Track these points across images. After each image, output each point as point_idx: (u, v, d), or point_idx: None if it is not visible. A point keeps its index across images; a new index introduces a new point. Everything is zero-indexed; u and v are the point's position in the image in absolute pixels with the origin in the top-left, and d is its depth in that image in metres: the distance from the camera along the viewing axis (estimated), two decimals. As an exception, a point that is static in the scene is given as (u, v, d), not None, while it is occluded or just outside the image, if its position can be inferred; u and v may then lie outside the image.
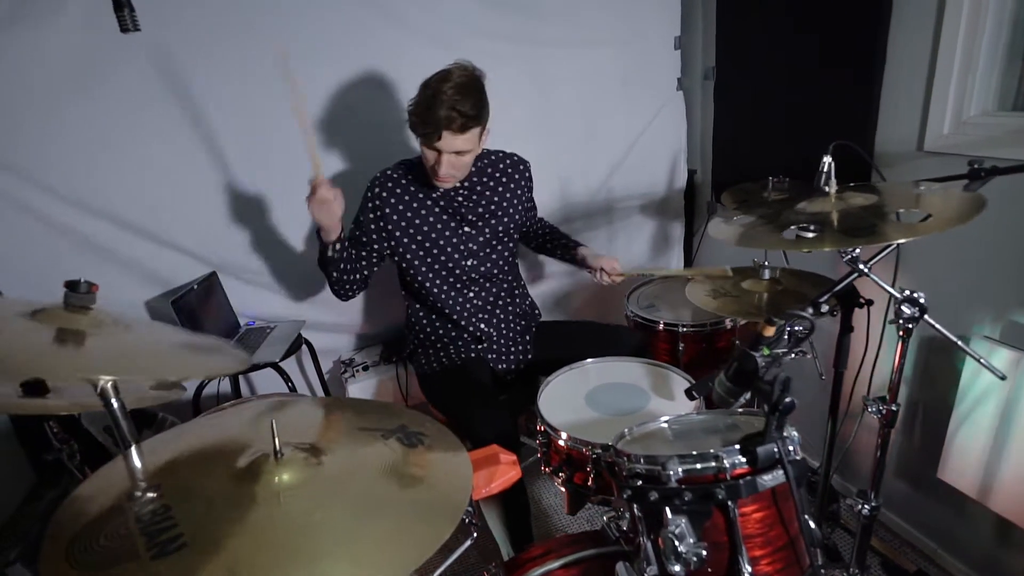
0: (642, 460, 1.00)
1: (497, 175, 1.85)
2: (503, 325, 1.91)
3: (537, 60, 2.27)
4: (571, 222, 2.51)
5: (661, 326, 2.05)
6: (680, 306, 2.18)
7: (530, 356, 1.95)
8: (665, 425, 1.22)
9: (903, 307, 1.16)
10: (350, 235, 1.82)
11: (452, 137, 1.57)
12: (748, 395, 0.98)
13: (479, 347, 1.89)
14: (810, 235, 1.09)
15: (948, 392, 1.66)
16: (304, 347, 2.24)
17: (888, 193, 1.25)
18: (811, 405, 1.97)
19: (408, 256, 1.79)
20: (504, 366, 1.91)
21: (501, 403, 1.71)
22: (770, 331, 0.88)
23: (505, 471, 1.16)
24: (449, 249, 1.79)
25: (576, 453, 1.41)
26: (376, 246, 1.79)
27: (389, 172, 1.78)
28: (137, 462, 0.95)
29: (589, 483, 1.40)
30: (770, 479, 0.91)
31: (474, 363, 1.87)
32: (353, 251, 1.79)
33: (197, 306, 1.96)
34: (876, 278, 1.18)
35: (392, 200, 1.75)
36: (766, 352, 1.00)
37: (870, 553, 1.86)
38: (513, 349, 1.92)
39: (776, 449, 0.89)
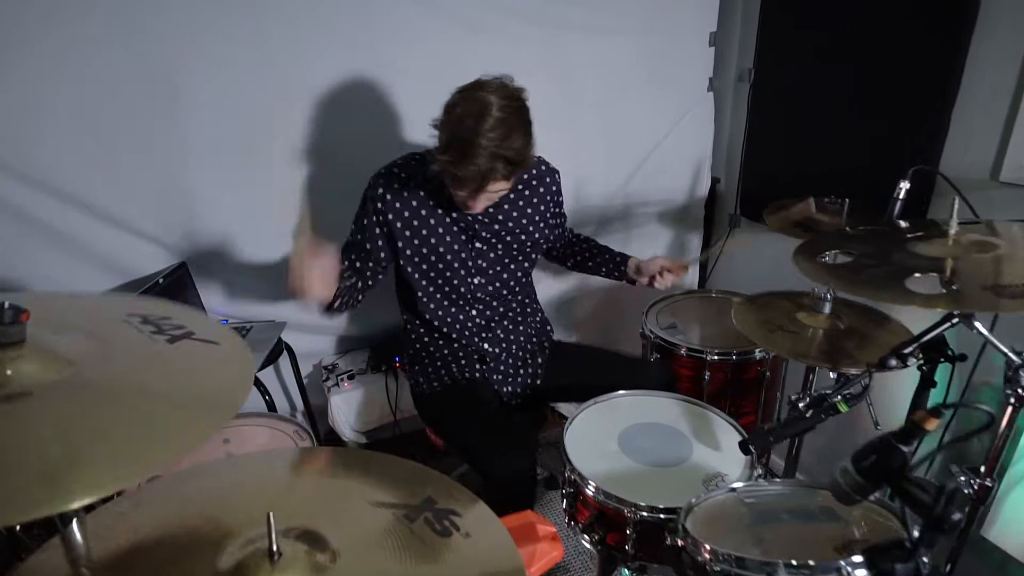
0: (733, 561, 0.80)
1: (521, 187, 1.58)
2: (510, 345, 1.69)
3: (557, 45, 2.03)
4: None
5: (684, 351, 1.86)
6: (704, 324, 2.00)
7: (539, 381, 1.73)
8: (736, 495, 1.02)
9: (1022, 372, 0.99)
10: (349, 244, 1.56)
11: (494, 184, 1.31)
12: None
13: (482, 367, 1.66)
14: (945, 289, 0.88)
15: (1009, 449, 1.51)
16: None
17: (1007, 236, 1.06)
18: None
19: (408, 268, 1.55)
20: (509, 389, 1.69)
21: (515, 433, 1.49)
22: (933, 424, 0.69)
23: (545, 551, 0.95)
24: (456, 265, 1.55)
25: (612, 512, 1.21)
26: (383, 253, 1.54)
27: (395, 171, 1.50)
28: (80, 545, 0.71)
29: (627, 547, 1.20)
30: (905, 603, 0.72)
31: (478, 384, 1.65)
32: (358, 263, 1.54)
33: (162, 304, 1.69)
34: (993, 339, 1.00)
35: (396, 204, 1.49)
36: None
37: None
38: (521, 371, 1.71)
39: (919, 570, 0.70)
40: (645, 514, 1.17)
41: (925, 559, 0.74)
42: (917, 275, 0.91)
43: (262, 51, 1.69)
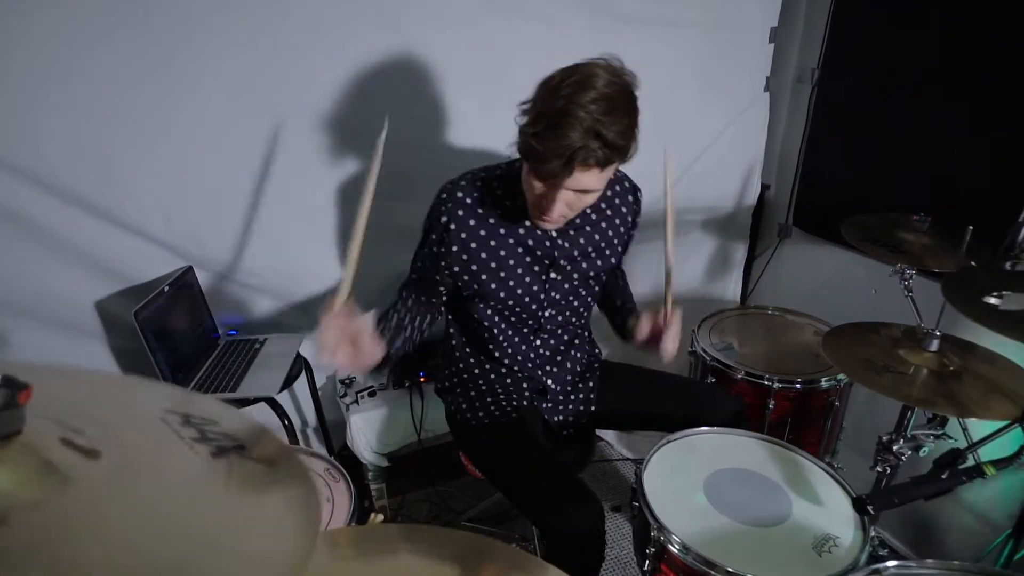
0: None
1: (603, 205, 1.36)
2: (566, 373, 1.50)
3: (605, 35, 1.81)
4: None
5: (741, 375, 1.70)
6: (756, 343, 1.84)
7: (593, 408, 1.54)
8: (883, 581, 0.86)
9: None
10: (413, 281, 1.36)
11: (584, 172, 1.08)
12: None
13: (533, 396, 1.48)
14: None
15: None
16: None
17: None
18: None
19: (476, 300, 1.35)
20: (560, 418, 1.50)
21: (581, 488, 1.27)
22: None
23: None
24: (527, 299, 1.34)
25: (709, 581, 1.05)
26: (447, 285, 1.34)
27: (460, 195, 1.26)
28: None
29: (729, 624, 1.04)
30: None
31: (526, 414, 1.45)
32: (422, 297, 1.35)
33: (167, 316, 1.48)
34: None
35: (463, 233, 1.26)
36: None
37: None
38: (572, 398, 1.51)
39: None
40: (752, 588, 1.00)
41: None
42: None
43: (278, 39, 1.48)
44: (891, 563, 0.89)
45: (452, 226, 1.25)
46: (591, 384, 1.54)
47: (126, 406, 0.61)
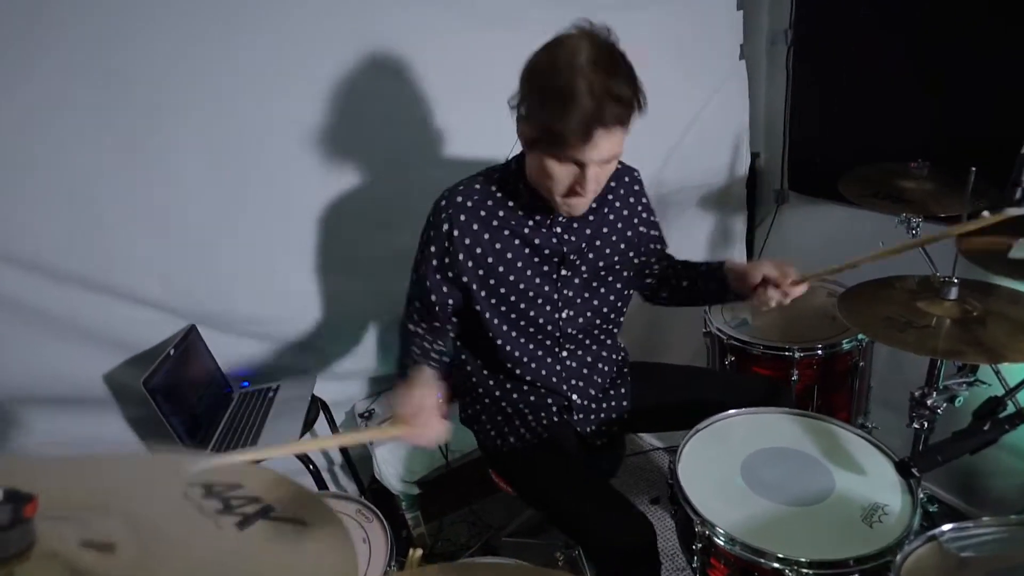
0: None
1: (606, 193, 1.32)
2: (593, 385, 1.44)
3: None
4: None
5: (760, 350, 1.68)
6: (774, 311, 1.78)
7: (625, 415, 1.48)
8: (941, 544, 0.83)
9: None
10: (417, 308, 1.33)
11: (606, 137, 1.03)
12: None
13: (562, 412, 1.43)
14: None
15: None
16: (315, 405, 1.76)
17: None
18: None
19: (486, 314, 1.29)
20: (593, 428, 1.44)
21: (626, 503, 1.24)
22: None
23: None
24: (540, 300, 1.30)
25: (759, 569, 1.02)
26: (456, 297, 1.29)
27: (460, 200, 1.22)
28: None
29: (788, 610, 1.01)
30: None
31: (557, 429, 1.41)
32: (435, 323, 1.32)
33: (177, 378, 1.46)
34: None
35: (467, 239, 1.22)
36: None
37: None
38: (604, 405, 1.45)
39: None
40: (805, 570, 0.97)
41: None
42: None
43: (255, 93, 1.47)
44: (947, 527, 0.86)
45: (456, 232, 1.22)
46: (623, 391, 1.48)
47: (145, 488, 0.60)
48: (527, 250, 1.26)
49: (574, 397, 1.40)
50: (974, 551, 0.81)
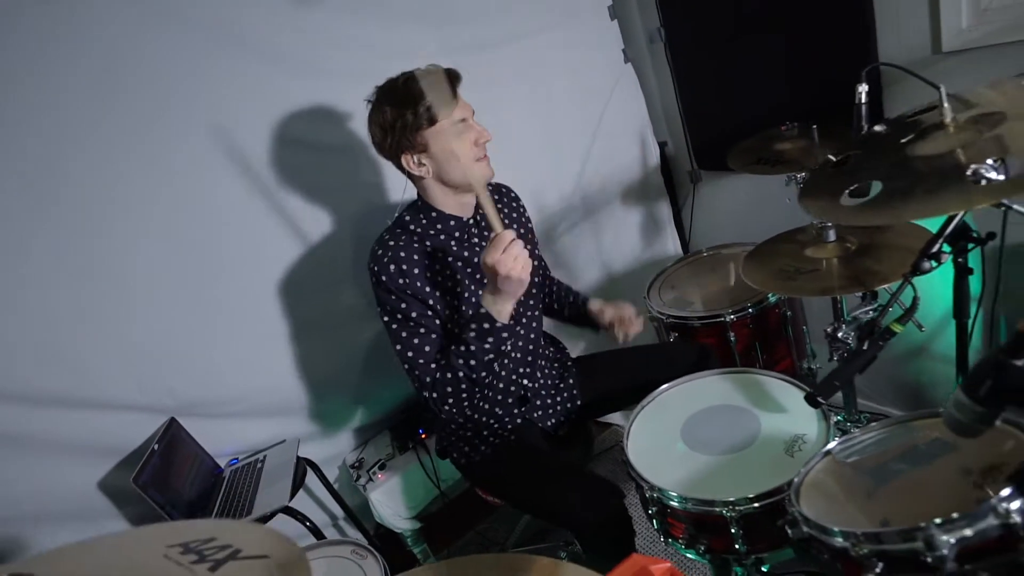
0: (882, 539, 0.73)
1: (498, 203, 1.54)
2: (543, 377, 1.60)
3: (464, 64, 1.97)
4: (553, 234, 2.23)
5: (698, 321, 1.81)
6: (706, 286, 1.94)
7: (579, 402, 1.64)
8: (835, 457, 0.96)
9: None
10: (408, 325, 1.37)
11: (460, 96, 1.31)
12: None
13: (522, 409, 1.57)
14: (995, 178, 0.80)
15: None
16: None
17: (1004, 97, 1.01)
18: (911, 362, 1.77)
19: (448, 324, 1.41)
20: (553, 421, 1.60)
21: (592, 478, 1.39)
22: (1042, 327, 0.64)
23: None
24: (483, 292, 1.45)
25: (709, 517, 1.14)
26: (433, 310, 1.38)
27: (392, 243, 1.35)
28: None
29: (737, 547, 1.13)
30: (1077, 517, 0.66)
31: (523, 431, 1.55)
32: (433, 334, 1.38)
33: (165, 470, 1.56)
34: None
35: (416, 269, 1.35)
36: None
37: None
38: (558, 399, 1.62)
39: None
40: (743, 507, 1.09)
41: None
42: (971, 169, 0.82)
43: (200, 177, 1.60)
44: (835, 441, 0.99)
45: (404, 267, 1.33)
46: (571, 382, 1.65)
47: (130, 559, 0.71)
48: (460, 263, 1.41)
49: (526, 383, 1.54)
50: (858, 455, 0.94)
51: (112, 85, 1.44)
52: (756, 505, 1.07)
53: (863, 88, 1.32)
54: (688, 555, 1.21)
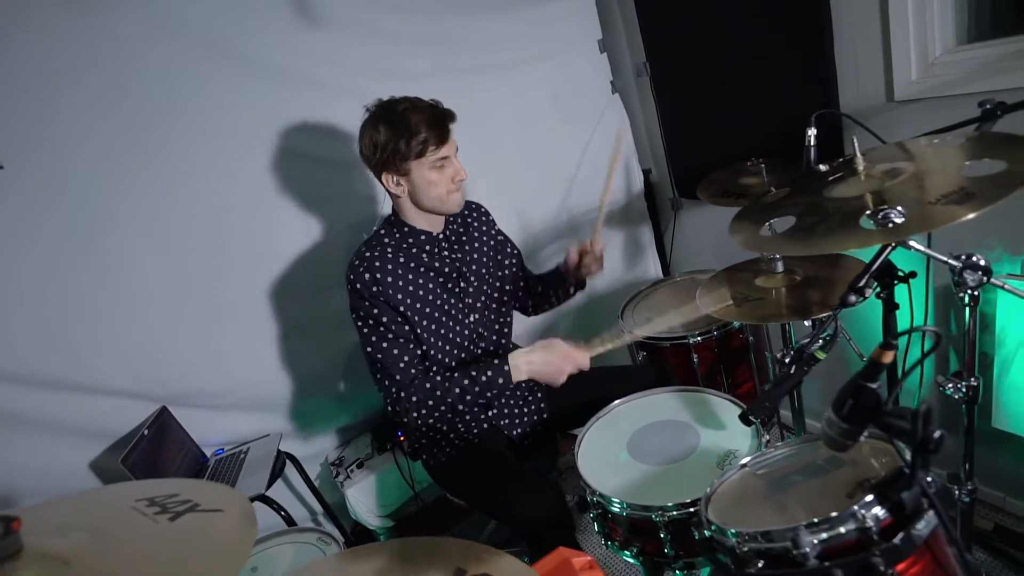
0: (760, 538, 0.82)
1: (467, 219, 1.67)
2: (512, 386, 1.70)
3: (456, 89, 2.09)
4: (536, 254, 2.34)
5: (666, 343, 1.90)
6: (679, 309, 2.03)
7: (545, 415, 1.74)
8: (748, 470, 1.05)
9: (966, 274, 1.04)
10: (378, 330, 1.50)
11: (451, 136, 1.45)
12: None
13: (489, 415, 1.67)
14: (896, 222, 0.90)
15: (984, 342, 1.57)
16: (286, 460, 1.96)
17: (916, 154, 1.12)
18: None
19: (417, 329, 1.52)
20: (520, 431, 1.70)
21: (531, 475, 1.50)
22: (889, 357, 0.73)
23: (586, 583, 0.96)
24: (454, 312, 1.58)
25: (641, 521, 1.23)
26: (408, 325, 1.52)
27: (369, 254, 1.49)
28: None
29: (666, 551, 1.22)
30: (924, 527, 0.75)
31: (488, 435, 1.66)
32: (410, 344, 1.53)
33: (153, 455, 1.67)
34: (926, 249, 1.06)
35: (389, 277, 1.48)
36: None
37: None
38: (526, 410, 1.72)
39: (924, 491, 0.74)
40: (673, 514, 1.18)
41: (928, 479, 0.77)
42: (867, 213, 0.93)
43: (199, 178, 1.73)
44: (749, 456, 1.08)
45: (378, 275, 1.46)
46: (539, 395, 1.75)
47: (102, 508, 0.82)
48: (431, 273, 1.54)
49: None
50: (767, 468, 1.03)
51: (117, 92, 1.57)
52: (677, 512, 1.16)
53: (812, 132, 1.42)
54: (624, 557, 1.30)
